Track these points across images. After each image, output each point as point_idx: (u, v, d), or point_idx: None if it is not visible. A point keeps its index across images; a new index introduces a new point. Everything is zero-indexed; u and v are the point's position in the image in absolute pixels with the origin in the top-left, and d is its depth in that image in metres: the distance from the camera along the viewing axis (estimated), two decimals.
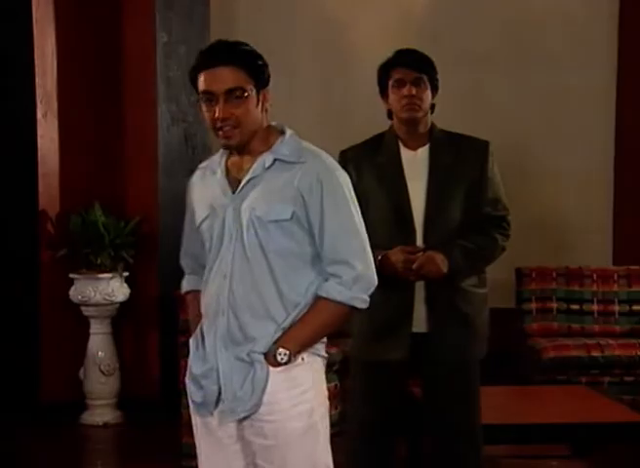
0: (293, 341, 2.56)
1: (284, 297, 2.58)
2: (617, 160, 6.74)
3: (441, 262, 3.42)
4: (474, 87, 6.47)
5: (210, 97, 2.56)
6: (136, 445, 5.54)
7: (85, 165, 5.94)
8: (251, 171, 2.62)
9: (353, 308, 2.62)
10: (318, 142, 2.70)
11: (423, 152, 3.55)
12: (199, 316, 2.73)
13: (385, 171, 3.54)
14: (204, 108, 2.59)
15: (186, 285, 2.90)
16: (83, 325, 5.80)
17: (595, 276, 5.91)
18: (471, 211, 3.53)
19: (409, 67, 3.47)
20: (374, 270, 2.64)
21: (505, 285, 5.85)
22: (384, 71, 3.54)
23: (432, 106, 3.56)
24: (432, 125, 3.58)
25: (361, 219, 2.65)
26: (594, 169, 6.72)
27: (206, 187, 2.72)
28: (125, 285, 5.80)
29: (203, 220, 2.69)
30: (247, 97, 2.56)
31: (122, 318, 5.92)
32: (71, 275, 5.73)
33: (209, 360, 2.63)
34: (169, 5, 5.90)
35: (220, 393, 2.60)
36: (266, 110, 2.63)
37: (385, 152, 3.56)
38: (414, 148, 3.55)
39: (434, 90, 3.54)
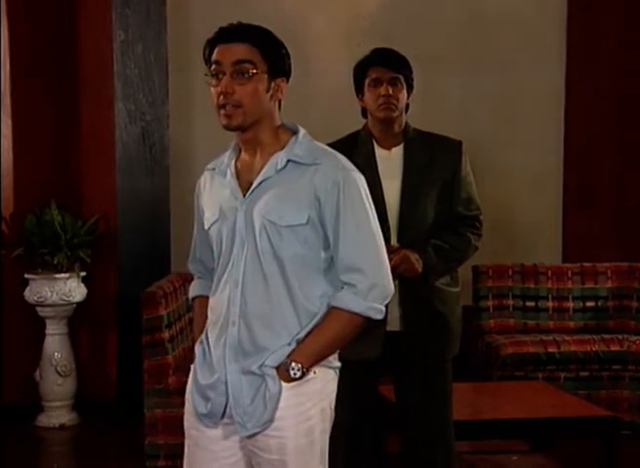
0: (306, 355, 2.42)
1: (298, 307, 2.44)
2: (566, 158, 6.85)
3: (416, 261, 3.44)
4: (426, 86, 6.48)
5: (218, 69, 2.43)
6: (93, 446, 5.47)
7: (40, 164, 5.86)
8: (262, 172, 2.47)
9: (368, 319, 2.47)
10: None
11: (398, 151, 3.56)
12: (204, 322, 2.61)
13: (360, 170, 3.51)
14: (212, 85, 2.46)
15: (195, 290, 2.76)
16: (39, 325, 5.72)
17: (550, 273, 5.97)
18: (445, 210, 3.55)
19: (386, 67, 3.48)
20: (390, 278, 2.50)
21: (463, 283, 5.87)
22: (361, 70, 3.53)
23: (407, 106, 3.58)
24: (406, 124, 3.59)
25: (377, 224, 2.51)
26: (545, 167, 6.82)
27: (215, 189, 2.58)
28: (82, 285, 5.73)
29: (212, 224, 2.55)
30: (255, 75, 2.42)
31: (79, 318, 5.85)
32: (27, 275, 5.65)
33: (216, 370, 2.49)
34: (126, 3, 5.84)
35: (226, 405, 2.47)
36: (279, 103, 2.51)
37: (360, 151, 3.54)
38: (388, 147, 3.56)
39: (410, 89, 3.56)
